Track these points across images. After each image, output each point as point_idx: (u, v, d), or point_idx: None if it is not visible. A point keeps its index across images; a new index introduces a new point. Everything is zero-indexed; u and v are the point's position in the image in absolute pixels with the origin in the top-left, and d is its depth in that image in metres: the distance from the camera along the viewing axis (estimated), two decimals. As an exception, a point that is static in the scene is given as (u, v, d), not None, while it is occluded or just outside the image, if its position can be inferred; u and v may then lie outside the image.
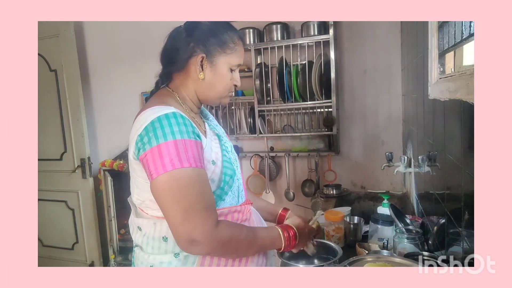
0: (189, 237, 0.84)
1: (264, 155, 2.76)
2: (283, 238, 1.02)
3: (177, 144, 0.86)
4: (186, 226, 0.84)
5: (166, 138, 0.86)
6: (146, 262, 0.98)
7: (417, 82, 1.61)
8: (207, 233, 0.84)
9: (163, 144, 0.85)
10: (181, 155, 0.86)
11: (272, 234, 1.02)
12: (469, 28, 0.87)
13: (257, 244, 0.98)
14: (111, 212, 2.88)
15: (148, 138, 0.87)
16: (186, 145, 0.87)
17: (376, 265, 0.99)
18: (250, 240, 0.96)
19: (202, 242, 0.84)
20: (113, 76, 3.14)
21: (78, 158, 3.00)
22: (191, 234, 0.83)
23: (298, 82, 2.49)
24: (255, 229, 1.00)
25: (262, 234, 1.01)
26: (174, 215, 0.85)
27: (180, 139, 0.87)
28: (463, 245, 0.89)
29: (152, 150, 0.86)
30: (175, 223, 0.85)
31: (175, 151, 0.85)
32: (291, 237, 1.04)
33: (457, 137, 0.94)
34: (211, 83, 1.02)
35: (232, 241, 0.90)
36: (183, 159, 0.85)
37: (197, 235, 0.84)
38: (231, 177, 1.01)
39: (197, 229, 0.84)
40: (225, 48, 1.01)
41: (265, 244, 1.01)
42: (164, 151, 0.85)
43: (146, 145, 0.87)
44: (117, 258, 2.91)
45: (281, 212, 1.28)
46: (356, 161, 2.63)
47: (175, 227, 0.85)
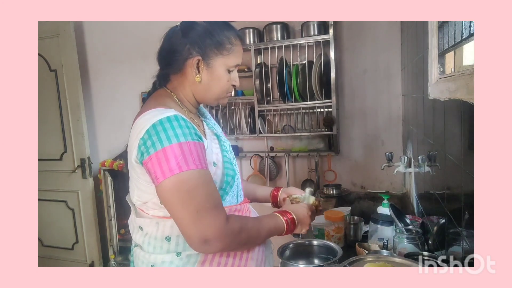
0: (202, 237, 0.85)
1: (264, 155, 2.76)
2: (284, 222, 1.04)
3: (182, 146, 0.86)
4: (198, 226, 0.84)
5: (170, 141, 0.86)
6: (147, 262, 0.98)
7: (417, 82, 1.61)
8: (219, 230, 0.85)
9: (168, 147, 0.85)
10: (187, 157, 0.86)
11: (273, 219, 1.05)
12: (469, 28, 0.87)
13: (264, 231, 1.00)
14: (111, 212, 2.88)
15: (151, 141, 0.87)
16: (191, 147, 0.87)
17: (376, 265, 0.99)
18: (257, 228, 0.98)
19: (216, 239, 0.85)
20: (113, 76, 3.14)
21: (78, 158, 3.00)
22: (205, 234, 0.84)
23: (298, 82, 2.48)
24: (258, 218, 1.03)
25: (266, 220, 1.03)
26: (185, 217, 0.85)
27: (185, 141, 0.87)
28: (463, 245, 0.89)
29: (158, 154, 0.86)
30: (187, 224, 0.86)
31: (181, 153, 0.85)
32: (290, 220, 1.06)
33: (457, 137, 0.94)
34: (208, 85, 1.02)
35: (242, 232, 0.92)
36: (189, 161, 0.86)
37: (210, 234, 0.85)
38: (232, 178, 1.01)
39: (210, 228, 0.85)
40: (221, 50, 1.00)
41: (270, 229, 1.02)
42: (170, 154, 0.85)
43: (150, 149, 0.87)
44: (117, 258, 2.91)
45: (273, 192, 1.29)
46: (356, 161, 2.63)
47: (187, 229, 0.86)
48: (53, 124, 3.03)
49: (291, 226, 1.06)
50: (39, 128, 2.61)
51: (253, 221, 0.99)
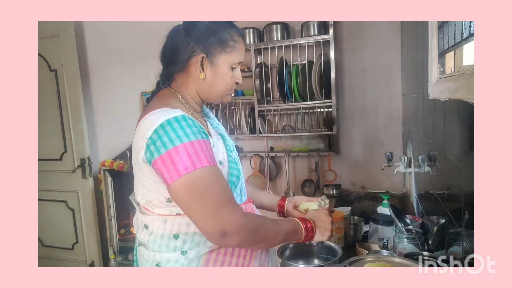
0: (222, 229, 0.86)
1: (264, 155, 2.76)
2: (303, 228, 1.05)
3: (193, 144, 0.87)
4: (218, 220, 0.86)
5: (182, 140, 0.86)
6: (152, 260, 0.98)
7: (417, 82, 1.61)
8: (238, 223, 0.87)
9: (180, 146, 0.86)
10: (199, 155, 0.87)
11: (292, 224, 1.05)
12: (469, 28, 0.87)
13: (282, 233, 1.00)
14: (111, 212, 2.87)
15: (161, 141, 0.87)
16: (201, 145, 0.89)
17: (376, 265, 0.99)
18: (275, 229, 0.98)
19: (234, 232, 0.87)
20: (113, 76, 3.13)
21: (78, 158, 2.99)
22: (224, 227, 0.86)
23: (298, 82, 2.49)
24: (277, 220, 1.02)
25: (284, 224, 1.04)
26: (203, 213, 0.87)
27: (195, 140, 0.88)
28: (463, 245, 0.89)
29: (170, 153, 0.86)
30: (206, 220, 0.87)
31: (193, 151, 0.86)
32: (309, 228, 1.06)
33: (457, 137, 0.94)
34: (212, 82, 1.02)
35: (259, 229, 0.93)
36: (201, 158, 0.87)
37: (229, 227, 0.86)
38: (237, 177, 1.02)
39: (228, 221, 0.86)
40: (225, 47, 1.00)
41: (288, 233, 1.03)
42: (183, 152, 0.86)
43: (161, 149, 0.86)
44: (117, 258, 2.91)
45: (280, 202, 1.28)
46: (356, 161, 2.63)
47: (206, 225, 0.87)
48: (53, 124, 3.02)
49: (310, 234, 1.06)
50: (39, 128, 2.62)
51: (271, 222, 0.99)
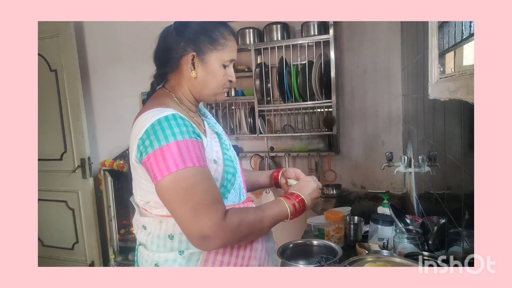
0: (201, 233, 0.85)
1: (264, 155, 2.76)
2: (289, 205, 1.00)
3: (179, 144, 0.87)
4: (196, 223, 0.84)
5: (168, 140, 0.87)
6: (151, 260, 0.98)
7: (417, 82, 1.61)
8: (216, 226, 0.85)
9: (165, 146, 0.86)
10: (184, 155, 0.86)
11: (278, 205, 1.01)
12: (469, 28, 0.87)
13: (267, 218, 0.97)
14: (111, 212, 2.88)
15: (149, 141, 0.88)
16: (188, 145, 0.88)
17: (376, 265, 0.99)
18: (260, 218, 0.95)
19: (214, 236, 0.85)
20: (113, 76, 3.13)
21: (78, 158, 2.99)
22: (203, 230, 0.84)
23: (298, 82, 2.49)
24: (261, 206, 1.01)
25: (269, 207, 1.00)
26: (183, 215, 0.86)
27: (182, 139, 0.88)
28: (463, 245, 0.89)
29: (155, 153, 0.86)
30: (185, 222, 0.86)
31: (177, 152, 0.86)
32: (297, 202, 1.02)
33: (457, 137, 0.94)
34: (204, 81, 1.02)
35: (241, 225, 0.90)
36: (186, 159, 0.86)
37: (208, 230, 0.84)
38: (233, 175, 1.02)
39: (207, 224, 0.84)
40: (215, 45, 1.00)
41: (275, 215, 0.99)
42: (167, 152, 0.86)
43: (148, 148, 0.88)
44: (117, 258, 2.91)
45: (274, 173, 1.28)
46: (356, 161, 2.63)
47: (186, 226, 0.86)
48: (53, 124, 3.03)
49: (300, 207, 1.03)
50: (39, 128, 2.62)
51: (254, 212, 0.96)
